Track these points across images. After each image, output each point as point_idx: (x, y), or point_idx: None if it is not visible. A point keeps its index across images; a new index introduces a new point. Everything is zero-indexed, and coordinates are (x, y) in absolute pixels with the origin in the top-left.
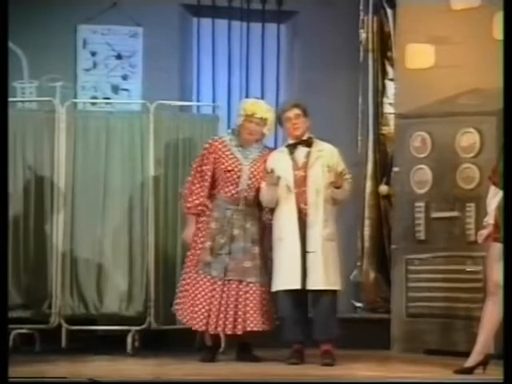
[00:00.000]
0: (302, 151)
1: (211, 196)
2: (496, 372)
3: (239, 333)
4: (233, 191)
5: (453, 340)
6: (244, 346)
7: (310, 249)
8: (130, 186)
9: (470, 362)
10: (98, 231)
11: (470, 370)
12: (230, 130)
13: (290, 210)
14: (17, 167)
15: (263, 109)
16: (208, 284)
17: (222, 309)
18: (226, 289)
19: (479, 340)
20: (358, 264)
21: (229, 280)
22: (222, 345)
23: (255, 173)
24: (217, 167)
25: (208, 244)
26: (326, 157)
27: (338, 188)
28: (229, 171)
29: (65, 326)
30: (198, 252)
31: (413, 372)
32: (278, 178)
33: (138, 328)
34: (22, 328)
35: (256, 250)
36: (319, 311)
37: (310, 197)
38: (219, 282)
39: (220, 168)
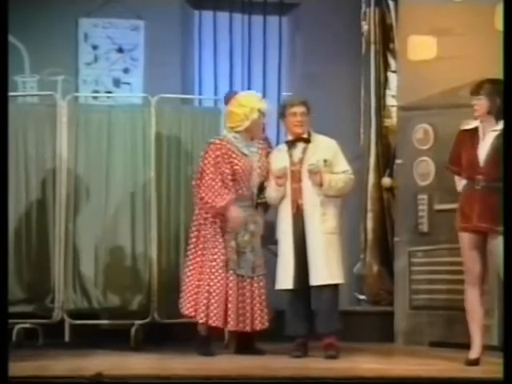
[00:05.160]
0: (299, 147)
1: None
2: (496, 369)
3: (265, 327)
4: (244, 188)
5: (456, 332)
6: (247, 339)
7: (309, 244)
8: (132, 180)
9: (475, 353)
10: (100, 225)
11: (477, 362)
12: (228, 129)
13: (287, 207)
14: (19, 162)
15: (263, 100)
16: (235, 282)
17: (258, 305)
18: (255, 285)
19: (476, 331)
20: (361, 257)
21: (258, 276)
22: (226, 337)
23: (262, 167)
24: (231, 167)
25: (233, 243)
26: (322, 151)
27: (320, 185)
28: (243, 170)
29: (68, 320)
30: (223, 251)
31: (416, 365)
32: (285, 170)
33: (141, 322)
34: (24, 323)
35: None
36: (321, 304)
37: (306, 192)
38: (248, 280)
39: (234, 169)
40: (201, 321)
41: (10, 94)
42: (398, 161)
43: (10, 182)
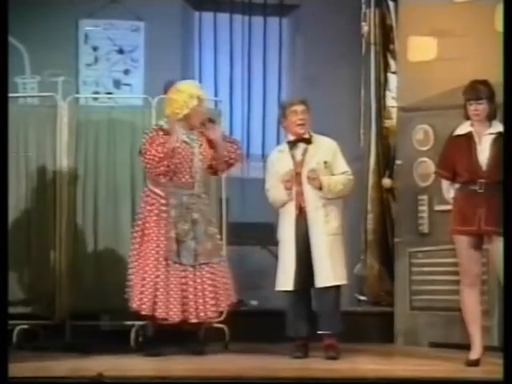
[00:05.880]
0: (300, 148)
1: (162, 184)
2: (494, 367)
3: (215, 315)
4: (187, 176)
5: (457, 333)
6: (194, 337)
7: (313, 246)
8: (132, 181)
9: (475, 354)
10: (100, 226)
11: (477, 363)
12: (165, 119)
13: (290, 210)
14: (19, 163)
15: (202, 88)
16: (178, 272)
17: (200, 294)
18: (198, 273)
19: (475, 332)
20: (362, 257)
21: (200, 264)
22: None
23: (204, 153)
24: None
25: (173, 232)
26: (322, 153)
27: (319, 189)
28: (183, 158)
29: (68, 321)
30: (164, 242)
31: (416, 365)
32: (292, 173)
33: (141, 323)
34: (25, 324)
35: (211, 230)
36: (324, 305)
37: (307, 194)
38: (190, 269)
39: (166, 146)
40: (144, 312)
41: (11, 95)
42: (398, 162)
43: (11, 183)
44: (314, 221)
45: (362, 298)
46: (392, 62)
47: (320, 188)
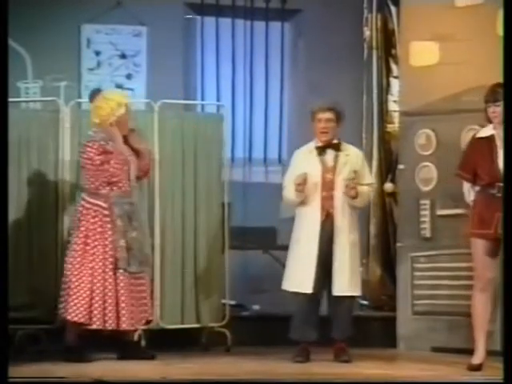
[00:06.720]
0: (330, 154)
1: (103, 195)
2: (496, 372)
3: (144, 323)
4: (126, 185)
5: (459, 337)
6: (131, 343)
7: (336, 254)
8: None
9: (478, 359)
10: None
11: (480, 367)
12: (91, 133)
13: (314, 212)
14: (21, 167)
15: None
16: (126, 281)
17: (144, 300)
18: (135, 281)
19: (480, 337)
20: (364, 262)
21: (141, 272)
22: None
23: (135, 161)
24: (106, 168)
25: (122, 241)
26: (352, 161)
27: (353, 198)
28: (122, 168)
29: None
30: (112, 251)
31: (420, 370)
32: (304, 177)
33: (144, 327)
34: (27, 328)
35: (146, 239)
36: (340, 312)
37: (338, 201)
38: (133, 276)
39: (110, 170)
40: (95, 327)
41: (13, 99)
42: (400, 166)
43: (13, 188)
44: (341, 229)
45: (365, 302)
46: (394, 67)
47: (355, 197)
